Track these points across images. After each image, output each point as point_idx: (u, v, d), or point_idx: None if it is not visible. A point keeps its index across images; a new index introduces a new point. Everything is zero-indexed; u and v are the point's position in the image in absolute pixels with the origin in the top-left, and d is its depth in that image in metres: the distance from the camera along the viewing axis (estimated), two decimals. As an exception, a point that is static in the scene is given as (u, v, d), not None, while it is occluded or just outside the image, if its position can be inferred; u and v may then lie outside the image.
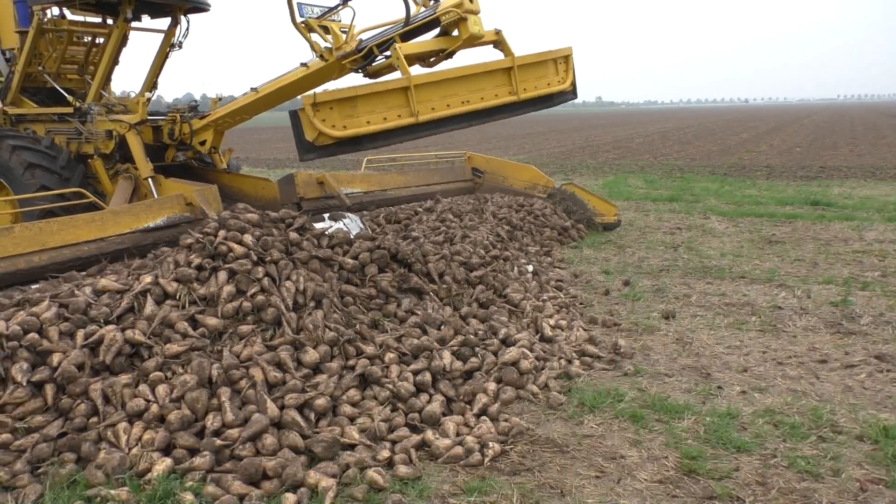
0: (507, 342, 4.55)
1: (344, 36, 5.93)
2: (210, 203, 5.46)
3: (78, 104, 6.76)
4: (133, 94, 7.52)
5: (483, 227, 6.91)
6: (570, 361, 4.53)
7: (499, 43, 5.81)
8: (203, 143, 7.03)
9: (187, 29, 7.12)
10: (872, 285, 6.26)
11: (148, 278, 4.08)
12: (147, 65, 7.53)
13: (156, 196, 6.28)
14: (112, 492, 2.91)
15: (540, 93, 5.87)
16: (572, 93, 6.25)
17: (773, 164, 18.58)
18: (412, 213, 7.48)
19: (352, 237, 5.46)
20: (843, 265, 7.06)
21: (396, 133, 5.03)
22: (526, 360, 4.28)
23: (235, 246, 4.26)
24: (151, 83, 7.47)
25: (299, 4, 5.78)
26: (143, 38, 7.64)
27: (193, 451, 3.21)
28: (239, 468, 3.10)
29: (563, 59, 6.07)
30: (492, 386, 4.02)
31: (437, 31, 5.66)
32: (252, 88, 6.62)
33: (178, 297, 4.01)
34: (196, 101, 8.01)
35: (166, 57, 7.37)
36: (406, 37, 5.64)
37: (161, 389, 3.46)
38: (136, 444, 3.24)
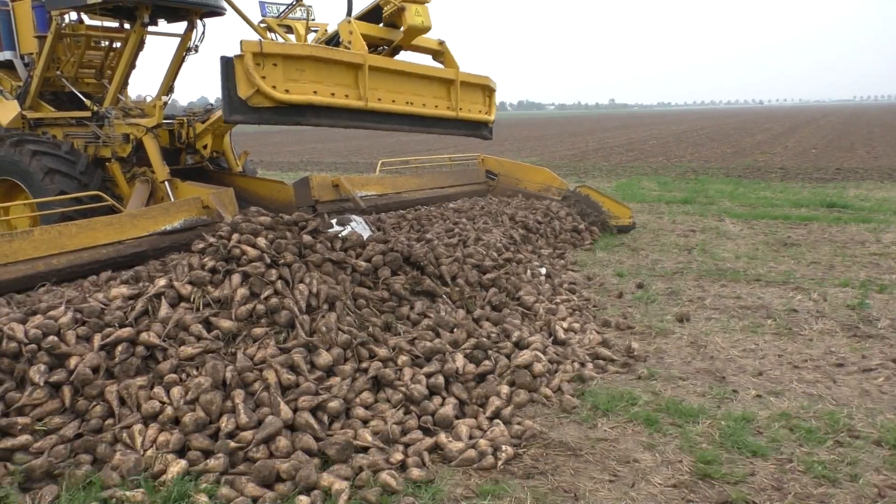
0: (519, 345, 4.55)
1: (312, 35, 5.71)
2: (226, 206, 5.48)
3: (96, 108, 6.82)
4: (149, 98, 7.57)
5: (496, 229, 6.91)
6: (583, 364, 4.52)
7: (441, 54, 5.35)
8: (205, 146, 7.05)
9: (203, 33, 7.17)
10: (890, 288, 6.19)
11: (162, 281, 4.11)
12: (162, 69, 7.60)
13: (172, 199, 6.32)
14: (127, 493, 2.93)
15: (473, 117, 5.41)
16: (490, 130, 5.88)
17: (788, 165, 18.43)
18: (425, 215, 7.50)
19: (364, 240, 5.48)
20: (859, 268, 6.98)
21: (342, 114, 4.47)
22: (539, 363, 4.27)
23: (249, 249, 4.28)
24: (168, 87, 7.52)
25: (262, 3, 5.60)
26: (159, 43, 7.72)
27: (208, 453, 3.22)
28: (253, 470, 3.10)
29: (489, 91, 5.73)
30: (505, 389, 4.01)
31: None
32: None
33: (192, 299, 4.03)
34: (211, 104, 8.04)
35: (182, 61, 7.42)
36: None
37: (176, 391, 3.48)
38: (151, 446, 3.25)
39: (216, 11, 7.01)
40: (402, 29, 4.98)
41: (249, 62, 3.93)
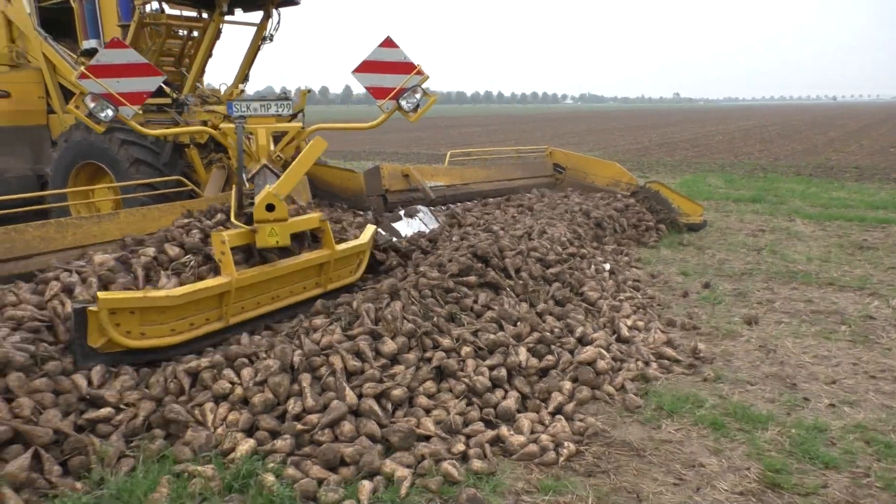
0: (583, 341, 4.51)
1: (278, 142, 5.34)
2: (300, 193, 5.56)
3: (175, 95, 7.03)
4: (223, 87, 7.74)
5: (560, 223, 6.85)
6: (647, 364, 4.45)
7: (321, 232, 4.76)
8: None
9: (278, 22, 7.30)
10: (976, 298, 5.88)
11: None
12: (231, 58, 7.78)
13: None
14: (199, 468, 3.03)
15: (343, 283, 4.99)
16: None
17: (863, 164, 17.65)
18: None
19: (427, 231, 5.50)
20: (942, 275, 6.65)
21: (199, 340, 4.06)
22: (602, 360, 4.23)
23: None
24: (243, 75, 7.70)
25: (229, 103, 5.21)
26: (233, 32, 7.89)
27: (275, 434, 3.31)
28: (318, 453, 3.17)
29: (362, 254, 5.19)
30: (567, 385, 3.99)
31: None
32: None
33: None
34: (287, 92, 8.15)
35: (258, 50, 7.58)
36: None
37: (246, 373, 3.59)
38: (222, 424, 3.36)
39: (292, 0, 7.13)
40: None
41: (104, 316, 3.58)
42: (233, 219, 4.50)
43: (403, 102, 4.80)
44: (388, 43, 4.78)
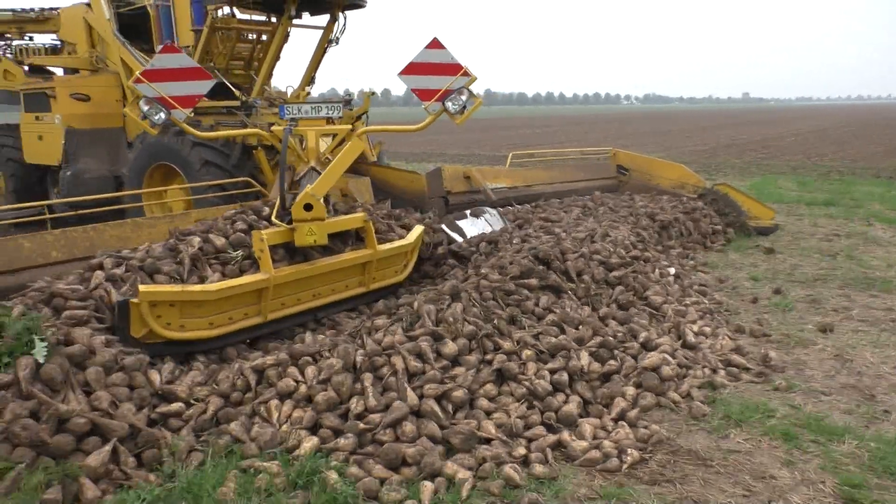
0: (647, 346, 4.42)
1: (325, 143, 5.38)
2: (363, 193, 5.65)
3: (244, 98, 7.23)
4: (290, 90, 7.92)
5: (623, 226, 6.73)
6: (714, 371, 4.32)
7: (364, 232, 4.89)
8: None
9: (344, 25, 7.43)
10: None
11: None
12: (299, 61, 7.95)
13: None
14: (265, 464, 3.10)
15: (387, 282, 5.15)
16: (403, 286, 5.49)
17: (949, 167, 16.75)
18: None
19: (489, 232, 5.48)
20: None
21: (237, 334, 4.26)
22: (667, 366, 4.14)
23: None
24: (309, 78, 7.87)
25: (281, 106, 5.31)
26: (300, 35, 8.06)
27: (338, 433, 3.36)
28: (380, 452, 3.20)
29: (410, 252, 5.30)
30: (630, 390, 3.91)
31: None
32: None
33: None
34: (350, 94, 8.29)
35: (324, 52, 7.74)
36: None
37: (310, 371, 3.65)
38: (287, 421, 3.43)
39: (357, 4, 7.26)
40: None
41: (145, 308, 3.79)
42: (273, 218, 4.62)
43: (449, 104, 4.71)
44: (435, 44, 4.73)
